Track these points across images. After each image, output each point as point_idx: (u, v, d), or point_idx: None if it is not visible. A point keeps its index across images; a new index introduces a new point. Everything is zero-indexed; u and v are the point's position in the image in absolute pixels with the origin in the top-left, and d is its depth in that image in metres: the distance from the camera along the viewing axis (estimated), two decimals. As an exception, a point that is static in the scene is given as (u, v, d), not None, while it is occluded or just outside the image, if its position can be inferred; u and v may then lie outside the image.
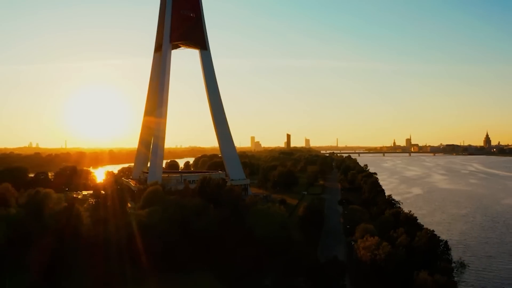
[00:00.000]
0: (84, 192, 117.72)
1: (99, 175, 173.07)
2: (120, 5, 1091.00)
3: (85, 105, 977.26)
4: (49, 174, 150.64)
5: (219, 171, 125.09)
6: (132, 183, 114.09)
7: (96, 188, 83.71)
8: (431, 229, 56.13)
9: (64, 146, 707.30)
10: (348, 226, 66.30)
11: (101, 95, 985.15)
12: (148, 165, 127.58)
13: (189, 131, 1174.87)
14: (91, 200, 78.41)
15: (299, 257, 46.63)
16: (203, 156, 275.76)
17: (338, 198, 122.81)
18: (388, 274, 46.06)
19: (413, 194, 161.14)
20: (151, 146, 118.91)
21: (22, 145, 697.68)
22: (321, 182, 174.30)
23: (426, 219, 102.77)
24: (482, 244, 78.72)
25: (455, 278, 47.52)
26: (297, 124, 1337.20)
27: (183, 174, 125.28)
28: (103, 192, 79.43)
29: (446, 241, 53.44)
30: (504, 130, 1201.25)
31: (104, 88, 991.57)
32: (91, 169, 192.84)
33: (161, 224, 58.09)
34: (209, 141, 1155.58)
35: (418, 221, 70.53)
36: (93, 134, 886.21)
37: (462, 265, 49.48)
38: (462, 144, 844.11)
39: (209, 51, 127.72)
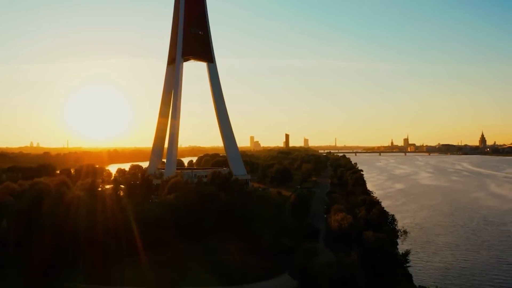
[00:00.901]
0: (107, 186, 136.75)
1: (113, 172, 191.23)
2: (120, 5, 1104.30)
3: (85, 105, 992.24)
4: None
5: (224, 168, 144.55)
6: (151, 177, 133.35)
7: (126, 180, 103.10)
8: (383, 207, 75.79)
9: (66, 146, 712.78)
10: (325, 206, 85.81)
11: (101, 95, 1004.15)
12: (156, 162, 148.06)
13: (188, 131, 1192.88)
14: (121, 190, 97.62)
15: (287, 224, 66.23)
16: (206, 155, 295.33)
17: (326, 191, 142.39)
18: (350, 237, 65.46)
19: (395, 189, 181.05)
20: (167, 145, 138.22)
21: (22, 145, 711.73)
22: (314, 178, 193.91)
23: (398, 208, 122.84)
24: (433, 224, 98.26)
25: (397, 240, 67.12)
26: (296, 124, 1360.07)
27: (194, 170, 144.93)
28: (133, 183, 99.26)
29: (393, 215, 72.99)
30: (502, 130, 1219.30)
31: (104, 88, 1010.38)
32: (105, 167, 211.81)
33: (185, 205, 77.56)
34: (208, 140, 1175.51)
35: (388, 206, 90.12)
36: (93, 134, 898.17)
37: (405, 232, 68.97)
38: (460, 144, 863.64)
39: (215, 64, 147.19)
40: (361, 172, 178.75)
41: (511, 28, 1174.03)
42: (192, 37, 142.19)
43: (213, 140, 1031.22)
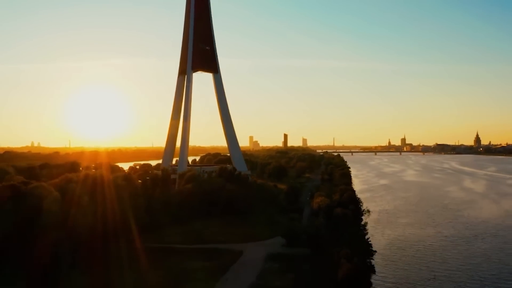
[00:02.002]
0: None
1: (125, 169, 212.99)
2: (120, 5, 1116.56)
3: (85, 104, 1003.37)
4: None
5: (228, 165, 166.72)
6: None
7: (153, 174, 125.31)
8: (353, 190, 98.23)
9: (68, 146, 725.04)
10: (310, 193, 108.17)
11: (101, 95, 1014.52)
12: (169, 160, 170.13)
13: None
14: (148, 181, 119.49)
15: (279, 206, 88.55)
16: (208, 154, 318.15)
17: (316, 185, 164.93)
18: (326, 214, 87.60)
19: (379, 184, 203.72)
20: (179, 145, 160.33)
21: (23, 145, 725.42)
22: (307, 175, 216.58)
23: (376, 198, 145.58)
24: (398, 209, 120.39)
25: (362, 217, 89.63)
26: (295, 124, 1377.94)
27: (202, 166, 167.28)
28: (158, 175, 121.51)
29: (359, 198, 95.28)
30: (499, 129, 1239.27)
31: (105, 87, 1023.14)
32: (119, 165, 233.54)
33: (200, 192, 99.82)
34: (207, 140, 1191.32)
35: (367, 196, 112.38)
36: (93, 134, 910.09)
37: (368, 211, 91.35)
38: (457, 143, 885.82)
39: (220, 74, 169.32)
40: (349, 169, 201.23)
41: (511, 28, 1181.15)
42: (200, 52, 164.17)
43: (212, 140, 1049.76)
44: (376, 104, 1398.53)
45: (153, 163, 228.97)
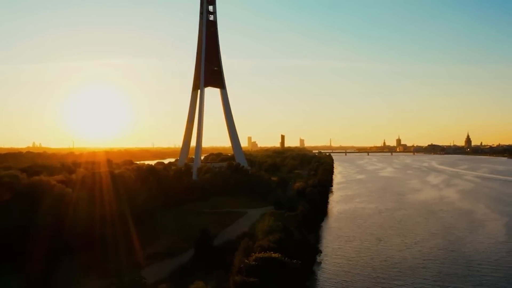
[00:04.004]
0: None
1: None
2: (120, 5, 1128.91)
3: (86, 105, 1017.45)
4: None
5: (232, 161, 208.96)
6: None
7: (178, 168, 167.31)
8: (326, 179, 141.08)
9: (71, 146, 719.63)
10: (292, 181, 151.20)
11: (101, 95, 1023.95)
12: (184, 158, 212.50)
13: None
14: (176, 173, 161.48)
15: (272, 189, 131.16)
16: (211, 154, 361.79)
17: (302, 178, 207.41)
18: (303, 194, 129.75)
19: (356, 178, 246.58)
20: (195, 145, 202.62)
21: (24, 145, 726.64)
22: (297, 171, 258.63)
23: (346, 187, 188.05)
24: (358, 193, 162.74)
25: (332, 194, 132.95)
26: (293, 125, 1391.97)
27: (212, 163, 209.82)
28: (181, 168, 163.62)
29: (332, 184, 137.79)
30: (495, 130, 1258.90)
31: (105, 87, 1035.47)
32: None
33: (216, 179, 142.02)
34: (208, 141, 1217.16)
35: (341, 186, 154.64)
36: (94, 134, 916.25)
37: (332, 191, 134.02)
38: (451, 144, 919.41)
39: (226, 89, 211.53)
40: (332, 166, 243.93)
41: (510, 28, 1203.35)
42: (210, 72, 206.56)
43: (212, 141, 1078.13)
44: (373, 105, 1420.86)
45: (153, 163, 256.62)
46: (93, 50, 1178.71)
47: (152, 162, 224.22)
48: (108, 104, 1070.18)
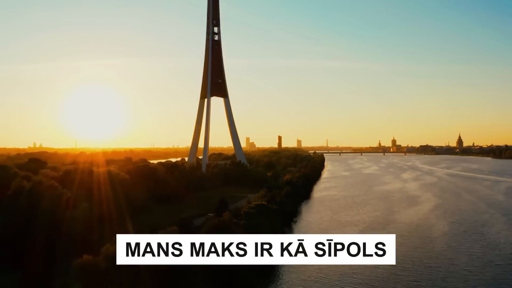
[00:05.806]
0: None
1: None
2: (117, 6, 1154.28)
3: (87, 105, 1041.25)
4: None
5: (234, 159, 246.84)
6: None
7: (190, 164, 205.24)
8: (308, 173, 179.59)
9: (74, 146, 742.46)
10: (282, 174, 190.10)
11: (101, 95, 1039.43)
12: (193, 157, 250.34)
13: (187, 132, 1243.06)
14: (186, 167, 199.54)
15: (267, 180, 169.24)
16: (213, 154, 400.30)
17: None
18: (290, 183, 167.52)
19: (341, 174, 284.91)
20: (203, 146, 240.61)
21: (25, 146, 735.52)
22: (290, 168, 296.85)
23: (330, 180, 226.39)
24: (339, 185, 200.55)
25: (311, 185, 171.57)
26: (290, 125, 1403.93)
27: (217, 161, 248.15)
28: (193, 164, 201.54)
29: (319, 177, 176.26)
30: (488, 131, 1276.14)
31: (104, 87, 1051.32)
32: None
33: (224, 172, 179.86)
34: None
35: (326, 180, 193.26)
36: (94, 134, 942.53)
37: (315, 182, 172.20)
38: (446, 145, 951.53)
39: (229, 98, 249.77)
40: (322, 165, 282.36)
41: (510, 29, 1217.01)
42: (215, 84, 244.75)
43: (212, 141, 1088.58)
44: (370, 106, 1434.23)
45: (168, 160, 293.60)
46: (93, 50, 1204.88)
47: (163, 160, 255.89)
48: (109, 104, 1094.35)
